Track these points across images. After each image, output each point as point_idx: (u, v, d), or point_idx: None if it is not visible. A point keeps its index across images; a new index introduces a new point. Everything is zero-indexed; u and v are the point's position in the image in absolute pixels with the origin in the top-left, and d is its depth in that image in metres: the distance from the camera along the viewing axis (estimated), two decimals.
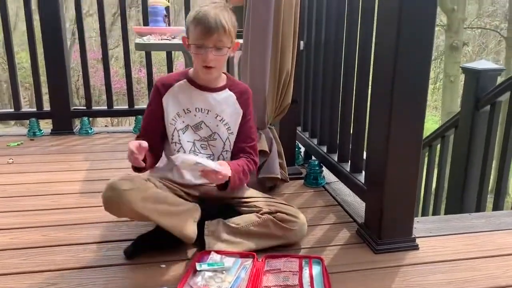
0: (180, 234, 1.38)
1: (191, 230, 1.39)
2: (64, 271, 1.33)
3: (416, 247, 1.48)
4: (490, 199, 2.60)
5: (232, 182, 1.41)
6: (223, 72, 1.57)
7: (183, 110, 1.50)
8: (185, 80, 1.51)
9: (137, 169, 1.43)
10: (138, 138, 1.51)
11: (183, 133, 1.51)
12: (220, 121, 1.52)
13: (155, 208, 1.34)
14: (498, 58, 13.03)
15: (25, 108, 3.13)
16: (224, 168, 1.37)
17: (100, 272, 1.33)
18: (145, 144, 1.32)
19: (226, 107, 1.53)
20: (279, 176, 1.92)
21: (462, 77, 10.03)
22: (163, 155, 1.57)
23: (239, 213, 1.50)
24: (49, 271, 1.33)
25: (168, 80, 1.53)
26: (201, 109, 1.51)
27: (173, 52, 3.33)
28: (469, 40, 12.73)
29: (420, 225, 1.62)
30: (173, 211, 1.38)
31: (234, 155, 1.57)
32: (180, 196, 1.49)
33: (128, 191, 1.30)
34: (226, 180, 1.39)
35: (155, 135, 1.52)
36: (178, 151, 1.50)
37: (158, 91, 1.51)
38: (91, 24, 11.36)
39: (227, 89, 1.54)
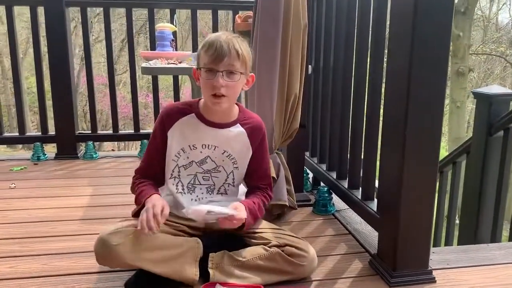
0: (180, 279, 1.31)
1: (191, 272, 1.32)
2: None
3: (433, 280, 1.40)
4: (506, 227, 2.52)
5: (247, 223, 1.37)
6: (235, 103, 1.49)
7: (189, 146, 1.44)
8: (193, 114, 1.44)
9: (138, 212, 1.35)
10: (141, 166, 1.49)
11: (185, 169, 1.46)
12: (227, 156, 1.46)
13: (149, 257, 1.28)
14: (504, 84, 13.03)
15: (33, 132, 3.11)
16: (239, 212, 1.32)
17: None
18: (166, 211, 1.30)
19: (235, 144, 1.46)
20: (286, 203, 1.86)
21: (468, 102, 10.00)
22: (167, 187, 1.49)
23: (245, 245, 1.43)
24: None
25: (175, 111, 1.44)
26: (208, 145, 1.44)
27: (180, 77, 3.33)
28: (474, 66, 12.76)
29: (436, 256, 1.55)
30: (171, 256, 1.31)
31: (250, 191, 1.54)
32: (182, 231, 1.43)
33: (119, 246, 1.25)
34: (242, 222, 1.34)
35: (159, 164, 1.47)
36: (177, 186, 1.46)
37: (163, 123, 1.44)
38: (99, 50, 11.56)
39: (238, 125, 1.46)
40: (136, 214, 1.37)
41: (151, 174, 1.47)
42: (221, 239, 1.44)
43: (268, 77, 1.81)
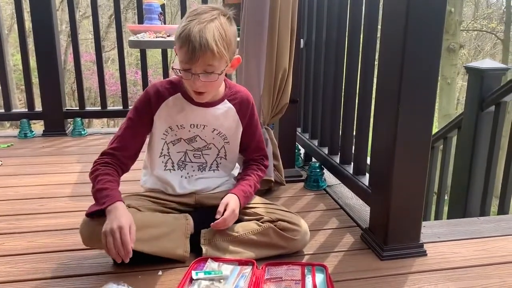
0: (170, 256, 1.30)
1: (181, 249, 1.31)
2: (50, 280, 1.25)
3: (424, 253, 1.40)
4: (493, 203, 2.54)
5: (242, 205, 1.39)
6: None
7: (177, 125, 1.39)
8: (179, 93, 1.37)
9: (93, 213, 1.22)
10: (112, 147, 1.33)
11: (174, 145, 1.42)
12: (217, 134, 1.43)
13: (138, 236, 1.19)
14: (495, 60, 13.02)
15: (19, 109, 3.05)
16: (228, 211, 1.32)
17: (89, 281, 1.25)
18: (134, 229, 1.16)
19: (224, 121, 1.42)
20: (272, 178, 1.84)
21: (458, 79, 9.99)
22: (155, 171, 1.44)
23: (238, 220, 1.41)
24: (35, 280, 1.25)
25: (161, 90, 1.36)
26: (197, 125, 1.40)
27: (169, 53, 3.26)
28: (465, 42, 12.73)
29: (427, 229, 1.55)
30: (160, 234, 1.28)
31: (245, 164, 1.55)
32: (172, 208, 1.41)
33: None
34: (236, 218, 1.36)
35: (134, 146, 1.36)
36: (166, 163, 1.43)
37: (150, 103, 1.35)
38: (87, 27, 11.31)
39: (225, 101, 1.42)
40: (90, 214, 1.23)
41: (122, 156, 1.33)
42: (212, 215, 1.42)
43: (256, 50, 1.76)
